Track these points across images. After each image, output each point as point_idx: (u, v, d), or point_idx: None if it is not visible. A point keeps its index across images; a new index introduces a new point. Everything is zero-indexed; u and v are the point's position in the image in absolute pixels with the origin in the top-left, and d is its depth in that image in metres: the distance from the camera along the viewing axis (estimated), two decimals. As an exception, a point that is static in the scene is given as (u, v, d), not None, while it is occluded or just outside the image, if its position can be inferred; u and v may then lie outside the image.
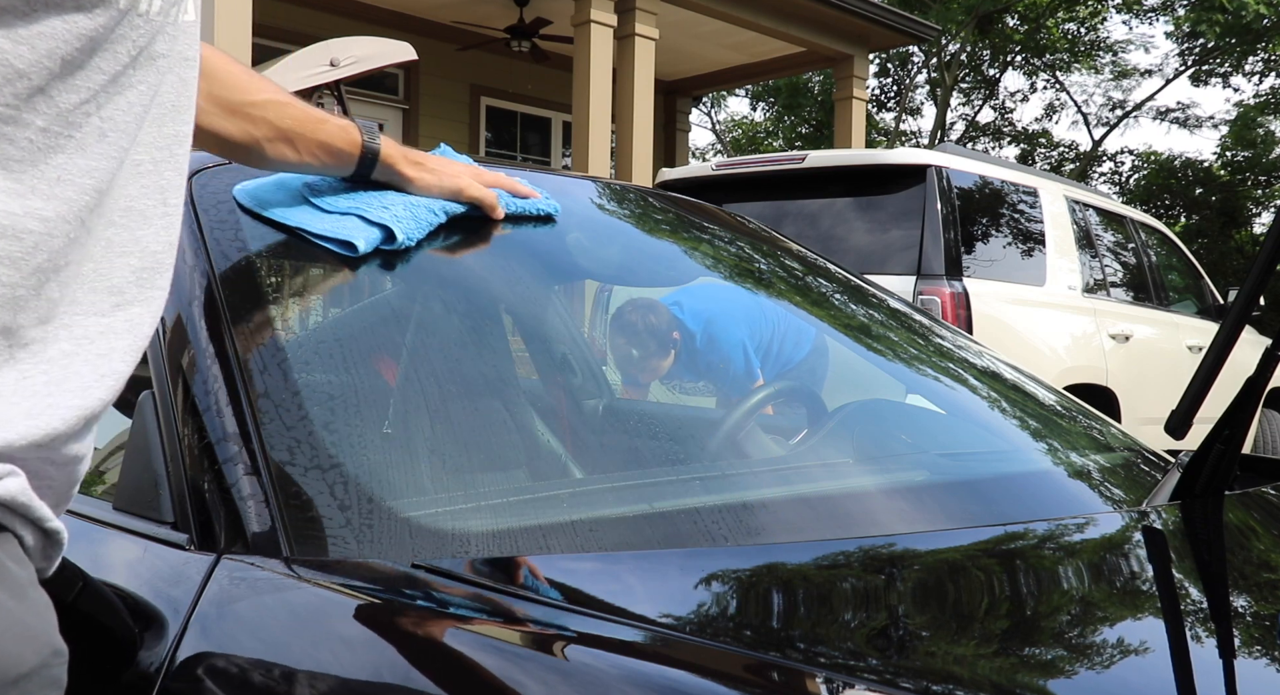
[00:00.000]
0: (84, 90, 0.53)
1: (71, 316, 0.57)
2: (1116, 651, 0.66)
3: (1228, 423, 0.99)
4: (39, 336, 0.55)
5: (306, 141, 1.06)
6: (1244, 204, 17.59)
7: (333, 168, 1.10)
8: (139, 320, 0.61)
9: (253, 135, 1.03)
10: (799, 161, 4.38)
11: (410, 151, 1.15)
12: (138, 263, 0.61)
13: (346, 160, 1.09)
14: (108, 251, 0.59)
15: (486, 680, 0.59)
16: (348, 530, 0.79)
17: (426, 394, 1.01)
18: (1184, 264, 5.78)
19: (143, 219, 0.61)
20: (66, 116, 0.53)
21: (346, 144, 1.08)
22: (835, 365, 1.44)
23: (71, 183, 0.54)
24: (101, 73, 0.54)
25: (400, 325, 1.09)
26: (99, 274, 0.58)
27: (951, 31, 16.18)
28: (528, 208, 1.21)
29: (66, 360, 0.56)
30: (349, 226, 1.05)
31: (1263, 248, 0.97)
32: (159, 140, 0.63)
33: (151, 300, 0.62)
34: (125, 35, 0.55)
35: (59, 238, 0.53)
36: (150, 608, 0.72)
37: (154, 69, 0.59)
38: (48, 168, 0.53)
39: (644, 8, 7.32)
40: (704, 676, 0.59)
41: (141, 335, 0.62)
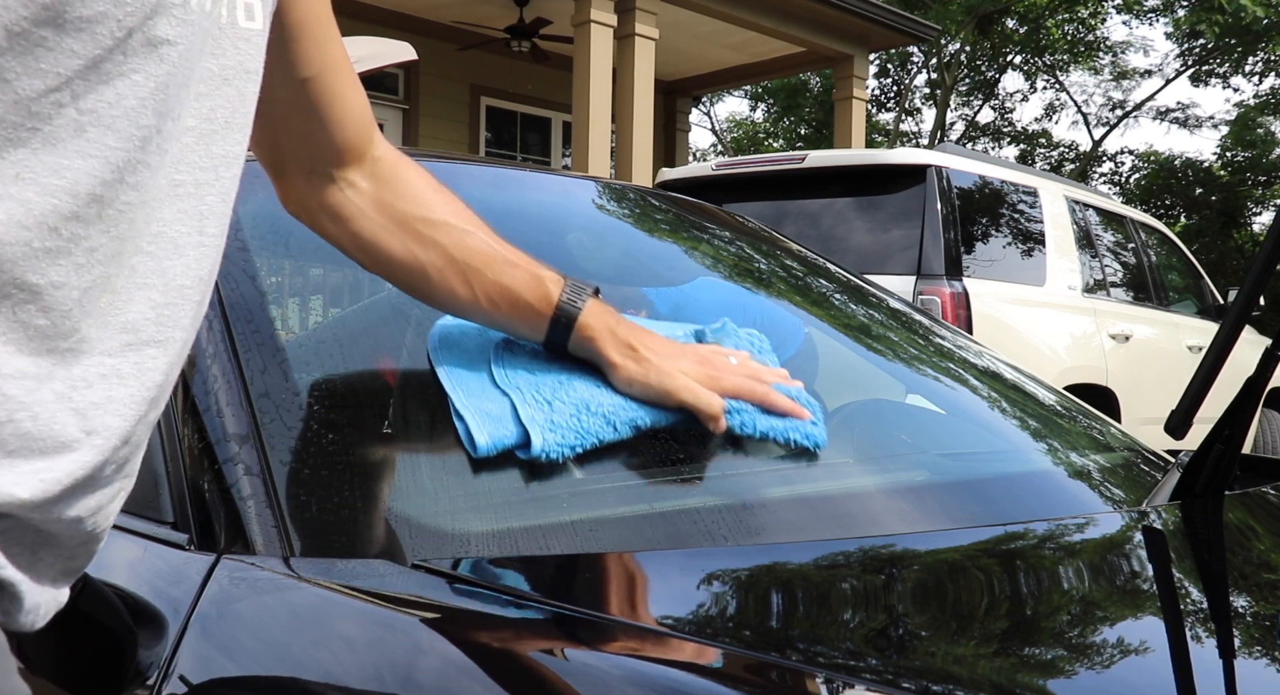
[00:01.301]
0: (51, 76, 0.46)
1: (68, 352, 0.49)
2: (1116, 651, 0.66)
3: (1228, 423, 0.99)
4: (32, 371, 0.47)
5: (484, 281, 0.87)
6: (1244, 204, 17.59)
7: (517, 324, 0.89)
8: (150, 365, 0.53)
9: (419, 259, 0.87)
10: (799, 161, 4.38)
11: (624, 327, 0.89)
12: (160, 298, 0.53)
13: (533, 319, 0.88)
14: (129, 282, 0.51)
15: (487, 680, 0.59)
16: (348, 530, 0.79)
17: (427, 394, 1.01)
18: (1184, 264, 5.78)
19: (174, 248, 0.54)
20: (29, 106, 0.45)
21: (535, 298, 0.87)
22: (834, 365, 1.44)
23: (34, 182, 0.46)
24: (75, 56, 0.46)
25: (400, 325, 1.09)
26: (115, 306, 0.51)
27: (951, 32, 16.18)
28: (764, 432, 0.90)
29: (54, 405, 0.48)
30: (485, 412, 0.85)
31: (1263, 248, 0.97)
32: (204, 160, 0.55)
33: (169, 342, 0.54)
34: (106, 13, 0.47)
35: (13, 245, 0.46)
36: (150, 608, 0.72)
37: (155, 58, 0.50)
38: (4, 163, 0.45)
39: (644, 8, 7.32)
40: (704, 676, 0.59)
41: (151, 384, 0.53)
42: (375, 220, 0.87)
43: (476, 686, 0.59)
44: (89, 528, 0.54)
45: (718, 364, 0.92)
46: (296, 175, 0.87)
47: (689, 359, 0.91)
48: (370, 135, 0.88)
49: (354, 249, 0.89)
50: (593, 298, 0.89)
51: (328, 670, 0.64)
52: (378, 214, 0.87)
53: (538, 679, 0.59)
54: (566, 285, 0.89)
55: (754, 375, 0.93)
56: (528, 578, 0.76)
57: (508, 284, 0.87)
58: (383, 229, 0.87)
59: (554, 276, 0.89)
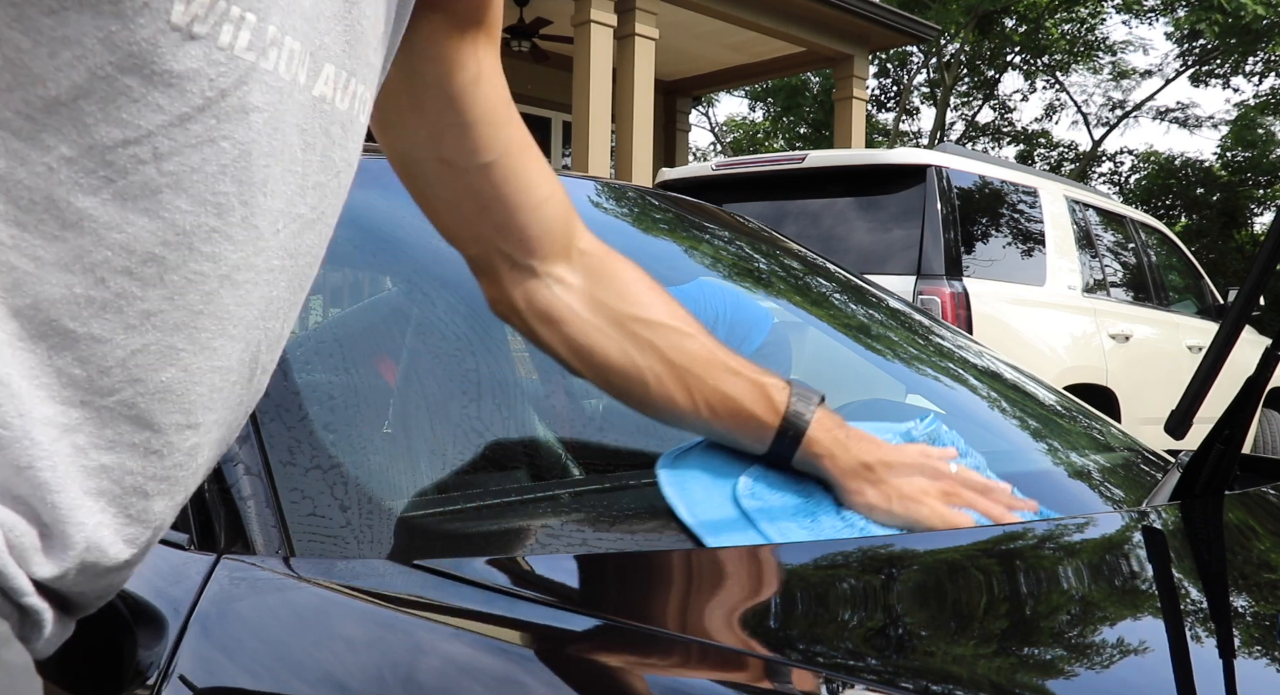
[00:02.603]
0: (131, 127, 0.44)
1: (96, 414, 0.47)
2: (1116, 651, 0.66)
3: (1228, 423, 0.99)
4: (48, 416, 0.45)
5: (705, 389, 0.82)
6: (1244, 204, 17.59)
7: (738, 435, 0.84)
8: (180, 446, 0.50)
9: (636, 364, 0.82)
10: (799, 161, 4.38)
11: (857, 442, 0.83)
12: (219, 381, 0.51)
13: (757, 430, 0.82)
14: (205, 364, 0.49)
15: (487, 680, 0.59)
16: (348, 530, 0.79)
17: (427, 394, 1.01)
18: (1184, 264, 5.78)
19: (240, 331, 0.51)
20: (104, 154, 0.44)
21: (760, 408, 0.82)
22: (834, 365, 1.44)
23: (93, 232, 0.44)
24: (160, 111, 0.44)
25: (400, 325, 1.09)
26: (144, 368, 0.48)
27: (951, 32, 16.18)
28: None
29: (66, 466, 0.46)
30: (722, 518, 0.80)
31: (1263, 248, 0.97)
32: (293, 248, 0.52)
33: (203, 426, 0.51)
34: (198, 71, 0.45)
35: (54, 286, 0.44)
36: (150, 607, 0.72)
37: (245, 125, 0.47)
38: (67, 208, 0.44)
39: (644, 8, 7.33)
40: (704, 676, 0.59)
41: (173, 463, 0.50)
42: (589, 321, 0.82)
43: (477, 687, 0.59)
44: (112, 582, 0.53)
45: (947, 475, 0.86)
46: (501, 273, 0.82)
47: (923, 474, 0.85)
48: (573, 225, 0.84)
49: (568, 354, 0.83)
50: (820, 407, 0.83)
51: (328, 670, 0.64)
52: (591, 314, 0.82)
53: (538, 679, 0.59)
54: (793, 393, 0.83)
55: (986, 489, 0.88)
56: (528, 578, 0.76)
57: (729, 392, 0.82)
58: (597, 330, 0.82)
59: (779, 384, 0.84)
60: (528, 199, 0.80)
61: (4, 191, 0.43)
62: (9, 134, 0.42)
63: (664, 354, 0.82)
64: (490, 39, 0.76)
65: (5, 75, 0.42)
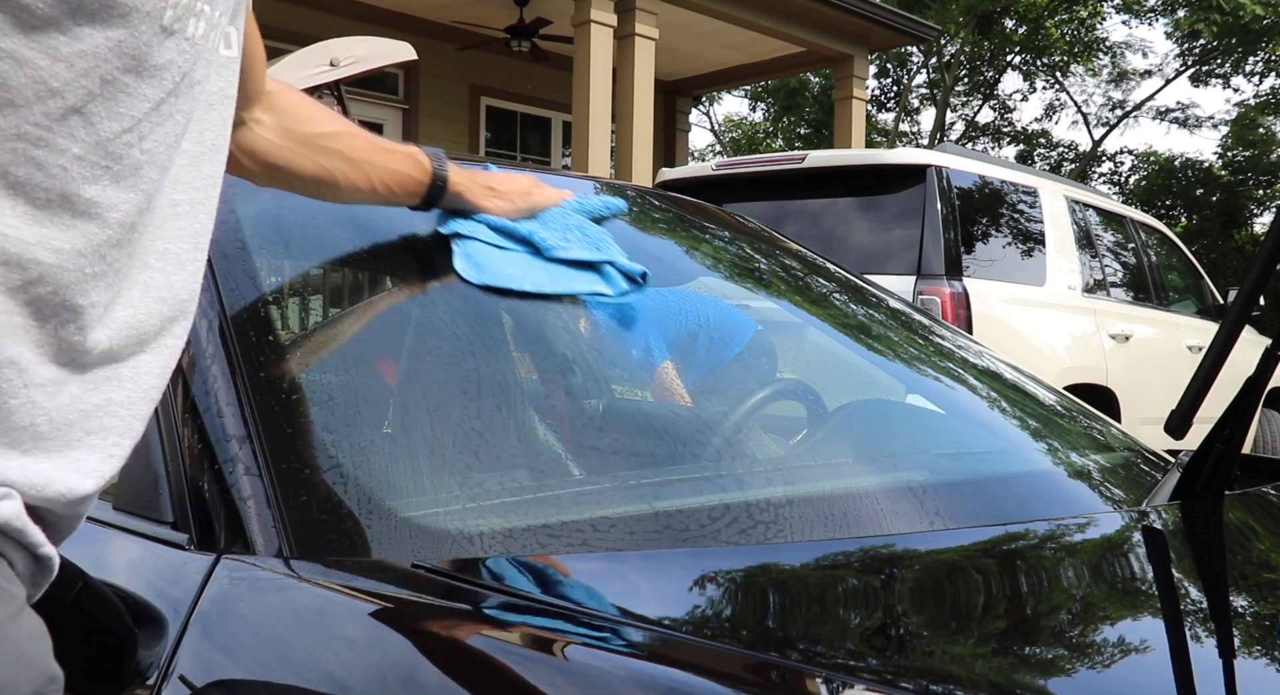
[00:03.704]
0: (127, 118, 0.50)
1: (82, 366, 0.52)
2: (1116, 651, 0.66)
3: (1228, 423, 0.99)
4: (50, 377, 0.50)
5: (378, 173, 1.04)
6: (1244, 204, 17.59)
7: (402, 197, 1.08)
8: (144, 369, 0.57)
9: (326, 168, 1.01)
10: (799, 161, 4.38)
11: (479, 175, 1.15)
12: (168, 310, 0.57)
13: (416, 188, 1.07)
14: (144, 297, 0.55)
15: (487, 680, 0.59)
16: (348, 530, 0.79)
17: (426, 394, 1.01)
18: (1184, 264, 5.78)
19: (178, 264, 0.58)
20: (106, 146, 0.49)
21: (417, 171, 1.07)
22: (834, 365, 1.44)
23: (98, 217, 0.50)
24: (146, 100, 0.50)
25: (400, 325, 1.09)
26: (136, 320, 0.54)
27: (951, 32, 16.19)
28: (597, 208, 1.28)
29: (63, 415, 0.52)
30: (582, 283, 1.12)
31: (1263, 248, 0.97)
32: (197, 181, 0.59)
33: (164, 349, 0.58)
34: (171, 60, 0.51)
35: (71, 272, 0.50)
36: (150, 607, 0.72)
37: (191, 98, 0.55)
38: (78, 200, 0.49)
39: (644, 8, 7.32)
40: (704, 676, 0.59)
41: (147, 386, 0.57)
42: (285, 146, 0.98)
43: (477, 686, 0.59)
44: (79, 517, 0.57)
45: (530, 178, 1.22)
46: None
47: (521, 180, 1.20)
48: (262, 75, 0.96)
49: (264, 175, 0.99)
50: (450, 161, 1.10)
51: (328, 670, 0.64)
52: (285, 140, 0.98)
53: (539, 679, 0.59)
54: (430, 156, 1.08)
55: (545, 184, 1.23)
56: (528, 578, 0.76)
57: (395, 167, 1.05)
58: (293, 153, 0.99)
59: (418, 150, 1.08)
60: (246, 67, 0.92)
61: (25, 195, 0.47)
62: (28, 144, 0.46)
63: (343, 154, 1.02)
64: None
65: (27, 92, 0.46)
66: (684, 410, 1.15)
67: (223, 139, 0.62)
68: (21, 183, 0.46)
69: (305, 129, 1.00)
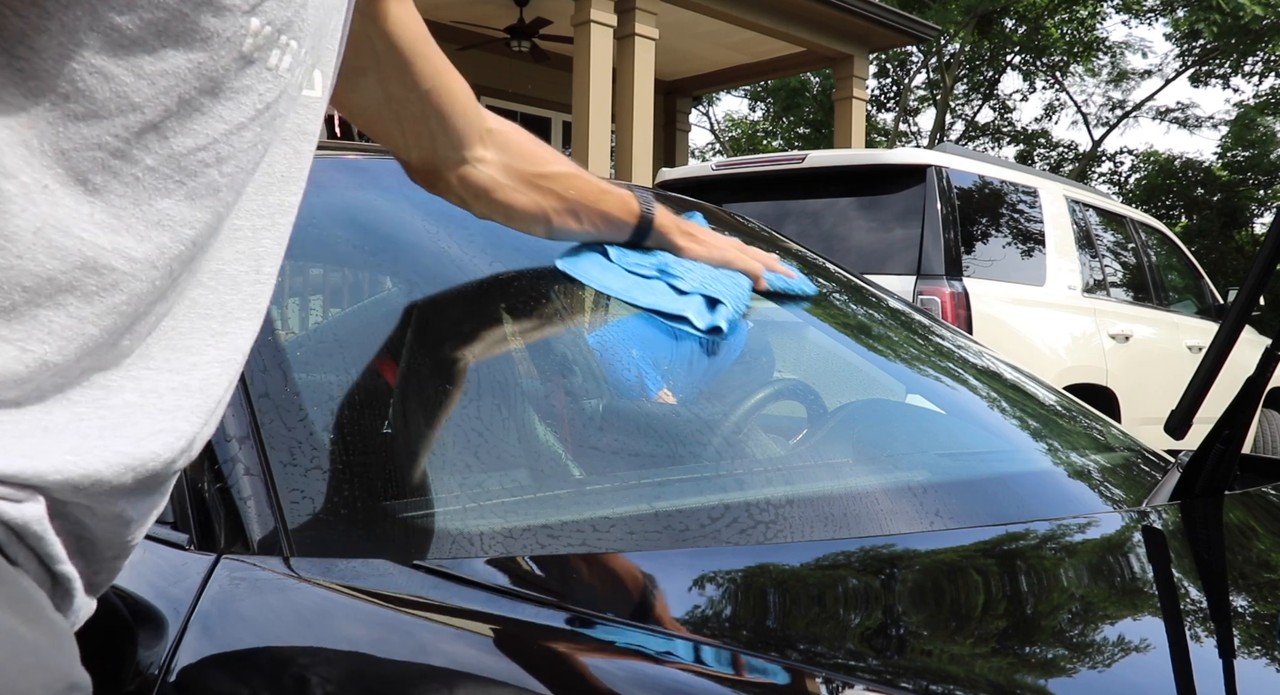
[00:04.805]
0: (202, 136, 0.51)
1: (141, 370, 0.54)
2: (1116, 651, 0.67)
3: (1228, 423, 0.99)
4: (102, 383, 0.52)
5: (590, 213, 1.12)
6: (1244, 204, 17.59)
7: (608, 236, 1.16)
8: (214, 381, 0.58)
9: (542, 207, 1.08)
10: (799, 161, 4.38)
11: (682, 222, 1.21)
12: (219, 327, 0.59)
13: (624, 229, 1.15)
14: (190, 312, 0.57)
15: (487, 680, 0.60)
16: (348, 530, 0.79)
17: (426, 394, 1.01)
18: (1184, 264, 5.78)
19: (232, 284, 0.59)
20: (179, 161, 0.51)
21: (626, 214, 1.15)
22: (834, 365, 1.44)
23: (170, 230, 0.52)
24: (222, 122, 0.52)
25: (400, 325, 1.09)
26: (178, 332, 0.56)
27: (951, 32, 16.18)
28: (789, 286, 1.29)
29: (128, 409, 0.53)
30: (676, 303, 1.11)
31: (1263, 248, 0.97)
32: (262, 208, 0.61)
33: (229, 363, 0.60)
34: (251, 87, 0.53)
35: (143, 282, 0.51)
36: (150, 607, 0.72)
37: (272, 130, 0.57)
38: (150, 209, 0.51)
39: (644, 8, 7.32)
40: (704, 676, 0.59)
41: (213, 397, 0.59)
42: (506, 184, 1.06)
43: (478, 686, 0.59)
44: (126, 537, 0.57)
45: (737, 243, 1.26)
46: (438, 167, 1.03)
47: (725, 239, 1.25)
48: (480, 113, 1.04)
49: (491, 212, 1.07)
50: (657, 204, 1.17)
51: (328, 670, 0.64)
52: (506, 178, 1.06)
53: (539, 679, 0.59)
54: (639, 198, 1.16)
55: (755, 251, 1.28)
56: (528, 577, 0.76)
57: (605, 209, 1.13)
58: (513, 190, 1.06)
59: (629, 193, 1.16)
60: (455, 107, 0.99)
61: (102, 202, 0.49)
62: (107, 154, 0.48)
63: (560, 194, 1.09)
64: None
65: (110, 105, 0.48)
66: (684, 410, 1.15)
67: (294, 171, 0.63)
68: (99, 189, 0.49)
69: (528, 168, 1.07)
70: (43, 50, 0.46)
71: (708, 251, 1.21)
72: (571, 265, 1.14)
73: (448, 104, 0.98)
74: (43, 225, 0.47)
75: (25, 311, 0.48)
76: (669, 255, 1.19)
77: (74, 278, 0.48)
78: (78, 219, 0.48)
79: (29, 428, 0.49)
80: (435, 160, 1.03)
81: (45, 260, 0.47)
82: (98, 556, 0.56)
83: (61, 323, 0.49)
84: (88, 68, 0.47)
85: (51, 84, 0.46)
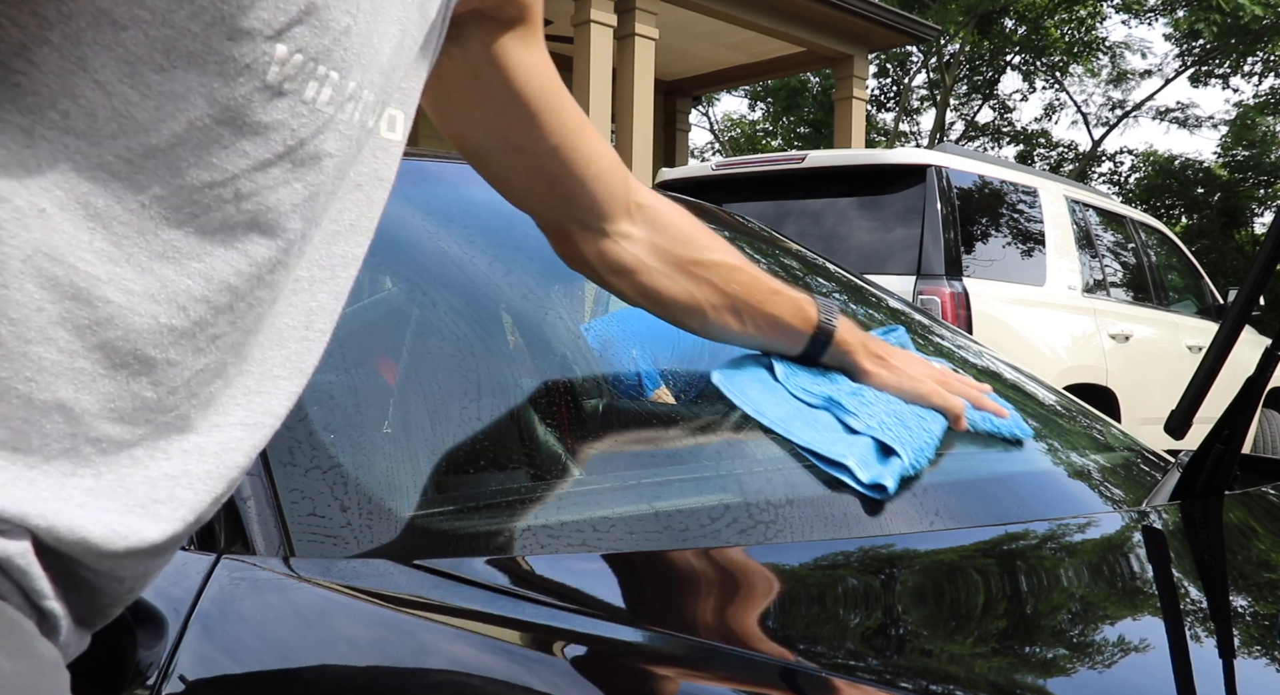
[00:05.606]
0: (219, 170, 0.47)
1: (155, 429, 0.49)
2: (1116, 651, 0.67)
3: (1228, 423, 0.99)
4: (109, 434, 0.48)
5: (754, 314, 0.98)
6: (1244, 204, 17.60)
7: (777, 344, 1.01)
8: (233, 446, 0.54)
9: (695, 298, 0.96)
10: (799, 161, 4.38)
11: (870, 340, 1.04)
12: (253, 384, 0.54)
13: (796, 339, 1.00)
14: (239, 371, 0.53)
15: (488, 680, 0.60)
16: (348, 530, 0.79)
17: (426, 394, 1.01)
18: (1184, 264, 5.79)
19: (278, 339, 0.55)
20: (191, 193, 0.47)
21: (800, 322, 0.99)
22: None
23: (176, 262, 0.47)
24: (245, 157, 0.48)
25: (400, 325, 1.09)
26: (201, 385, 0.51)
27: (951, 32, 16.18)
28: (997, 428, 1.06)
29: (125, 469, 0.49)
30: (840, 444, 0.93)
31: (1262, 247, 0.97)
32: (325, 259, 0.57)
33: (258, 427, 0.55)
34: (282, 121, 0.49)
35: (142, 317, 0.47)
36: (150, 607, 0.72)
37: (318, 169, 0.52)
38: (155, 239, 0.47)
39: (644, 8, 7.33)
40: (705, 676, 0.59)
41: (231, 464, 0.54)
42: (655, 268, 0.94)
43: (478, 686, 0.59)
44: (120, 593, 0.53)
45: (940, 372, 1.07)
46: (574, 236, 0.94)
47: (923, 366, 1.06)
48: (628, 184, 0.94)
49: (637, 297, 0.96)
50: (841, 315, 1.02)
51: (329, 670, 0.64)
52: (655, 261, 0.95)
53: (539, 679, 0.59)
54: (820, 306, 1.01)
55: (964, 381, 1.09)
56: (528, 578, 0.76)
57: (773, 312, 0.99)
58: (662, 275, 0.95)
59: (808, 299, 1.01)
60: (591, 171, 0.89)
61: (103, 228, 0.45)
62: (108, 175, 0.45)
63: (718, 287, 0.96)
64: (536, 33, 0.83)
65: (112, 124, 0.45)
66: (685, 410, 1.15)
67: (365, 221, 0.59)
68: (100, 214, 0.45)
69: (681, 252, 0.95)
70: (42, 63, 0.43)
71: (898, 381, 1.02)
72: (728, 379, 0.99)
73: (581, 166, 0.89)
74: (33, 252, 0.44)
75: (14, 347, 0.44)
76: (848, 380, 1.01)
77: (64, 309, 0.45)
78: (74, 246, 0.45)
79: (15, 475, 0.45)
80: (569, 228, 0.93)
81: (33, 290, 0.44)
82: (90, 603, 0.52)
83: (52, 358, 0.45)
84: (90, 83, 0.44)
85: (51, 100, 0.43)
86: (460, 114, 0.85)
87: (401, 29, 0.56)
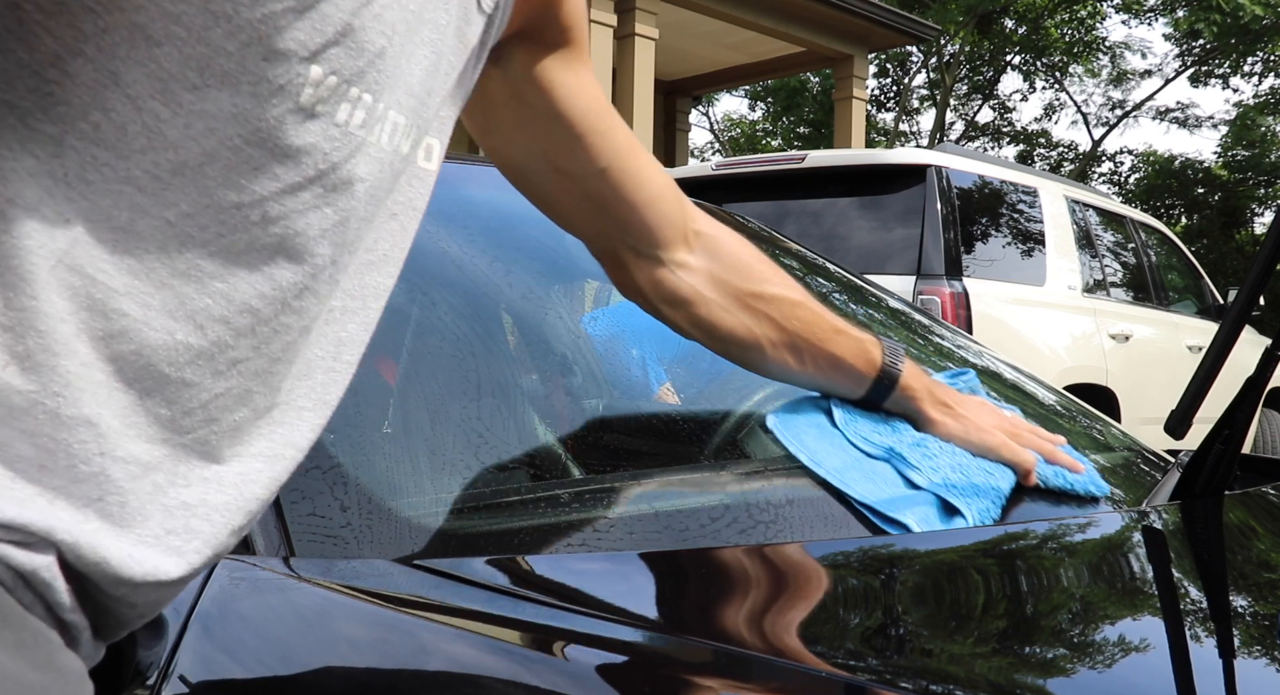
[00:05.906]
0: (248, 192, 0.47)
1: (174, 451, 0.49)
2: (1116, 651, 0.67)
3: (1228, 423, 0.99)
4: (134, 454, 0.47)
5: (815, 353, 0.93)
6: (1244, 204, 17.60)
7: (838, 386, 0.96)
8: (254, 478, 0.52)
9: (754, 333, 0.92)
10: (799, 161, 4.38)
11: (937, 386, 0.98)
12: (278, 415, 0.53)
13: (858, 382, 0.95)
14: (265, 398, 0.52)
15: (488, 680, 0.60)
16: (348, 530, 0.79)
17: (426, 394, 1.01)
18: (1184, 264, 5.79)
19: (305, 369, 0.54)
20: (218, 213, 0.47)
21: (863, 364, 0.94)
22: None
23: (199, 282, 0.47)
24: (275, 180, 0.48)
25: (400, 325, 1.09)
26: (222, 409, 0.50)
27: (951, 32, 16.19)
28: (1071, 485, 1.00)
29: (143, 496, 0.48)
30: (900, 501, 0.88)
31: (1262, 247, 0.97)
32: (357, 289, 0.56)
33: (279, 459, 0.54)
34: (315, 145, 0.48)
35: (157, 333, 0.47)
36: (151, 607, 0.72)
37: (350, 195, 0.51)
38: (177, 257, 0.46)
39: (644, 8, 7.33)
40: (704, 676, 0.59)
41: (250, 496, 0.52)
42: (711, 299, 0.90)
43: (478, 686, 0.59)
44: (132, 618, 0.53)
45: (1011, 423, 1.01)
46: (628, 263, 0.90)
47: (992, 415, 1.00)
48: (686, 212, 0.91)
49: (692, 329, 0.92)
50: (907, 359, 0.97)
51: (329, 670, 0.64)
52: (712, 292, 0.90)
53: (540, 679, 0.59)
54: (885, 348, 0.96)
55: (1035, 433, 1.03)
56: (528, 578, 0.76)
57: (834, 351, 0.94)
58: (719, 307, 0.91)
59: (872, 340, 0.96)
60: (643, 196, 0.86)
61: (125, 241, 0.45)
62: (135, 189, 0.45)
63: (778, 323, 0.92)
64: (580, 55, 0.81)
65: (141, 139, 0.44)
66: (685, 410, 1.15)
67: (397, 251, 0.59)
68: (124, 227, 0.45)
69: (740, 284, 0.91)
70: (76, 75, 0.43)
71: (965, 431, 0.96)
72: (783, 424, 0.94)
73: (632, 190, 0.85)
74: (57, 262, 0.44)
75: (41, 360, 0.44)
76: (912, 429, 0.96)
77: (81, 320, 0.45)
78: (94, 257, 0.45)
79: (42, 491, 0.45)
80: (623, 255, 0.90)
81: (58, 301, 0.44)
82: (104, 621, 0.52)
83: (75, 372, 0.45)
84: (121, 97, 0.44)
85: (82, 111, 0.43)
86: (503, 135, 0.83)
87: (435, 52, 0.56)
